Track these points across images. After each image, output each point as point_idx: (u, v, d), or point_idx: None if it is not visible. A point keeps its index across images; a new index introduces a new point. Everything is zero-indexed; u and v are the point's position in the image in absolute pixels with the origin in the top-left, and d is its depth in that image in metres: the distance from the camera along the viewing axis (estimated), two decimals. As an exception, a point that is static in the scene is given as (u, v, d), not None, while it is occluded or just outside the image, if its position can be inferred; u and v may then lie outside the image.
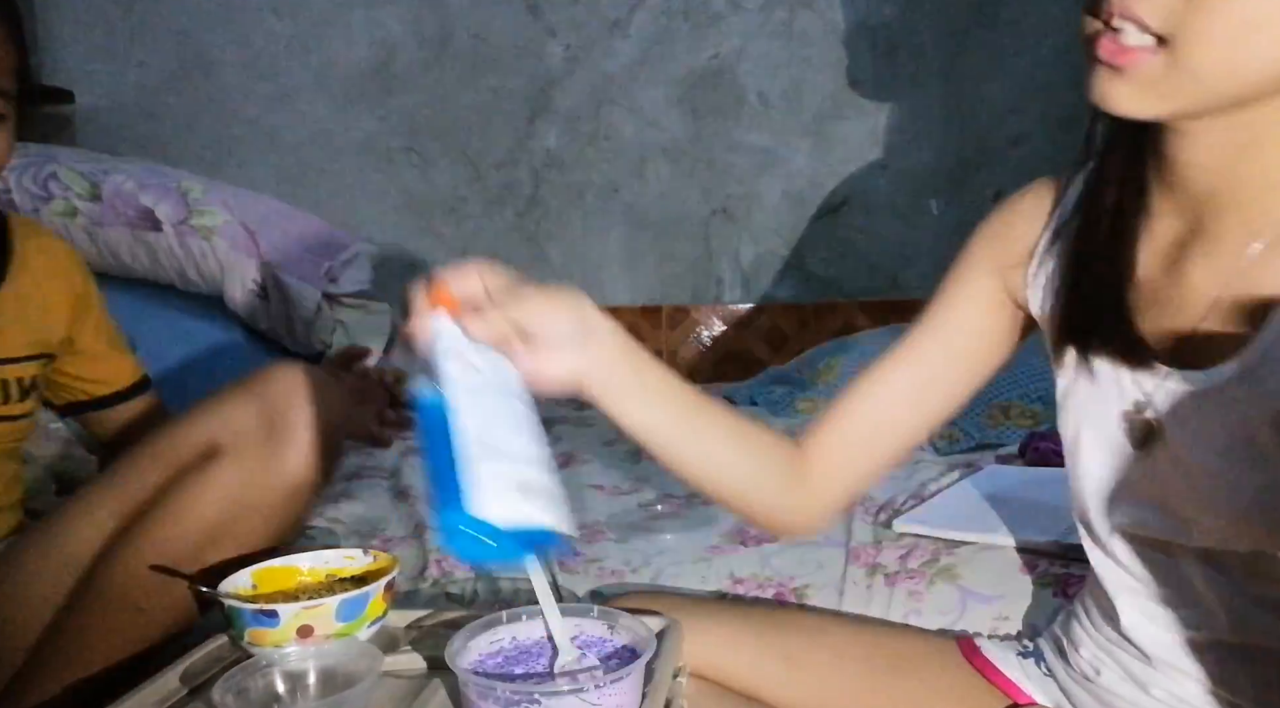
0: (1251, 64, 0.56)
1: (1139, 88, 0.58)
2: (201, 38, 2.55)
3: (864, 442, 0.82)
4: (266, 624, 0.76)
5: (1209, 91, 0.58)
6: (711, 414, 0.79)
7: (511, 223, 2.62)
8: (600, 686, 0.66)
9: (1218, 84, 0.57)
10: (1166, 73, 0.57)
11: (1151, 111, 0.60)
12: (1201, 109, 0.60)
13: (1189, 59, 0.56)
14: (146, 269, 1.93)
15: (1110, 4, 0.58)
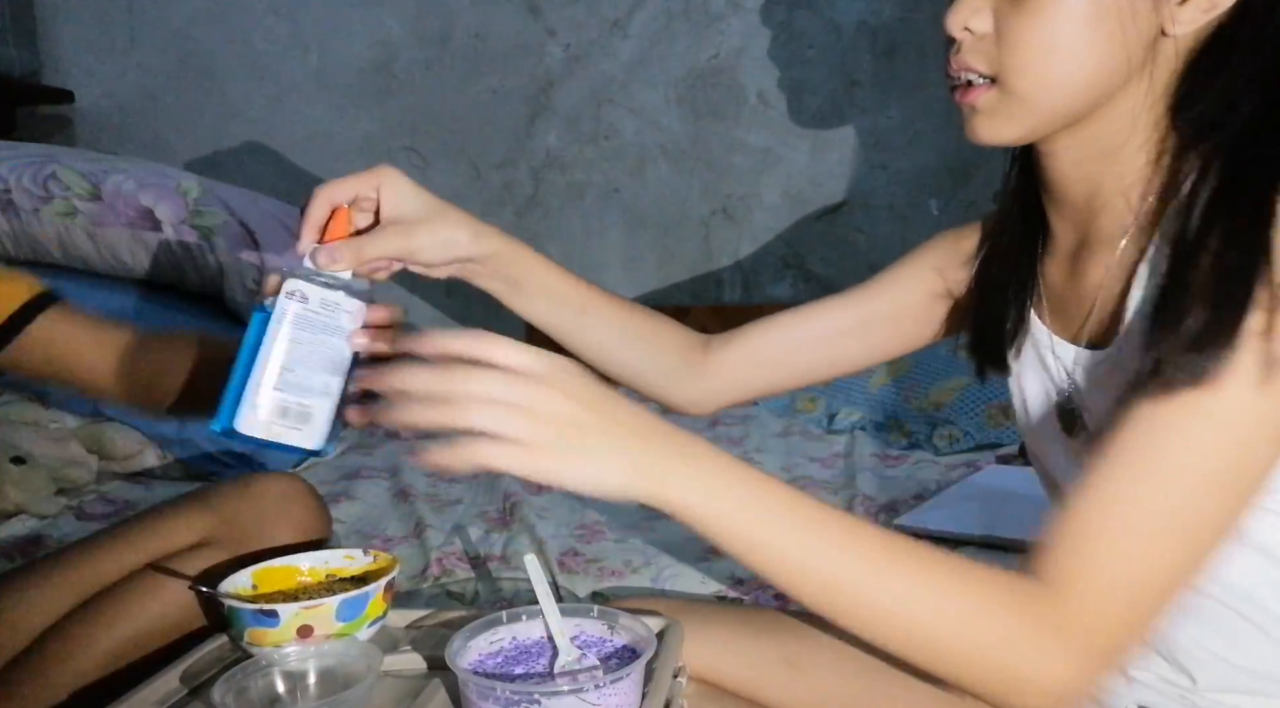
0: (1062, 81, 0.65)
1: (988, 119, 0.69)
2: (201, 38, 2.55)
3: (767, 365, 0.94)
4: (266, 624, 0.76)
5: (1040, 109, 0.67)
6: (603, 310, 0.93)
7: (511, 223, 2.62)
8: (600, 686, 0.66)
9: (1042, 101, 0.67)
10: (1002, 101, 0.68)
11: (1006, 136, 0.70)
12: (1046, 126, 0.69)
13: (1013, 87, 0.67)
14: (146, 269, 1.93)
15: (951, 63, 0.70)
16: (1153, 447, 0.59)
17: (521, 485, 1.64)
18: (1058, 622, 0.58)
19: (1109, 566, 0.59)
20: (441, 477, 1.75)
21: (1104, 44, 0.64)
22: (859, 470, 1.61)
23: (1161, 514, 0.58)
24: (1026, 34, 0.64)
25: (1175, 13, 0.64)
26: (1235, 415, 0.57)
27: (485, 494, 1.62)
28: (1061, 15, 0.63)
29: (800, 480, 1.56)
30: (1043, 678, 0.58)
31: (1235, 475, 0.59)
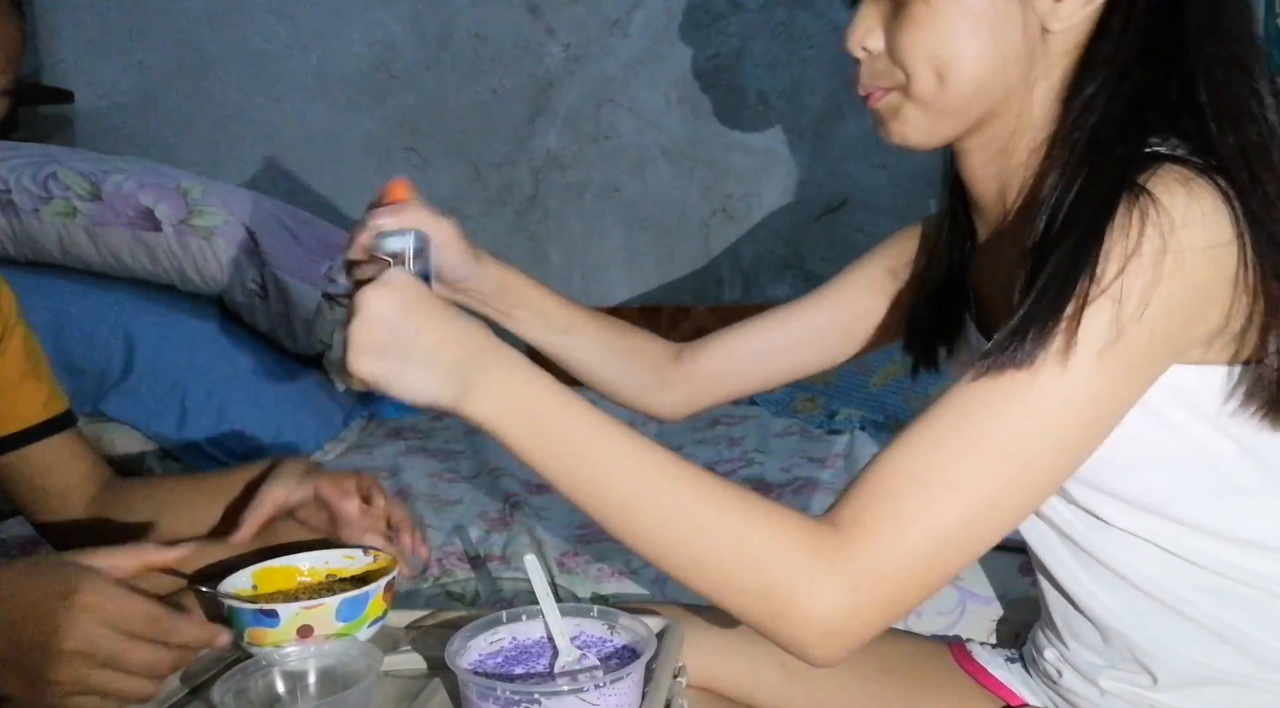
0: (952, 85, 0.68)
1: (895, 123, 0.73)
2: (201, 38, 2.55)
3: (734, 373, 0.96)
4: (266, 625, 0.75)
5: (937, 113, 0.70)
6: (586, 329, 0.99)
7: (511, 223, 2.62)
8: (600, 686, 0.66)
9: (936, 105, 0.69)
10: (903, 106, 0.71)
11: (913, 139, 0.73)
12: (948, 128, 0.72)
13: (918, 97, 0.69)
14: (146, 269, 1.93)
15: (857, 82, 0.74)
16: (962, 415, 0.60)
17: (521, 486, 1.64)
18: (836, 557, 0.59)
19: (897, 514, 0.59)
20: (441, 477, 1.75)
21: (987, 46, 0.66)
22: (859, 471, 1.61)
23: (957, 475, 0.59)
24: (915, 44, 0.67)
25: (1054, 9, 0.65)
26: (1045, 397, 0.58)
27: (485, 494, 1.62)
28: (941, 24, 0.66)
29: (800, 481, 1.56)
30: (813, 608, 0.58)
31: (1037, 454, 0.59)
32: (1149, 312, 0.56)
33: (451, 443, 2.00)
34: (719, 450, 1.82)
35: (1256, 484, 0.66)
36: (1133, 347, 0.57)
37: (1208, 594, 0.68)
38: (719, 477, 0.63)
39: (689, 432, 1.95)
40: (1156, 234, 0.56)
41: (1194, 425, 0.64)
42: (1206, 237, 0.57)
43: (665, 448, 0.64)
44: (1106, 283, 0.57)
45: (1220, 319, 0.60)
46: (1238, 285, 0.59)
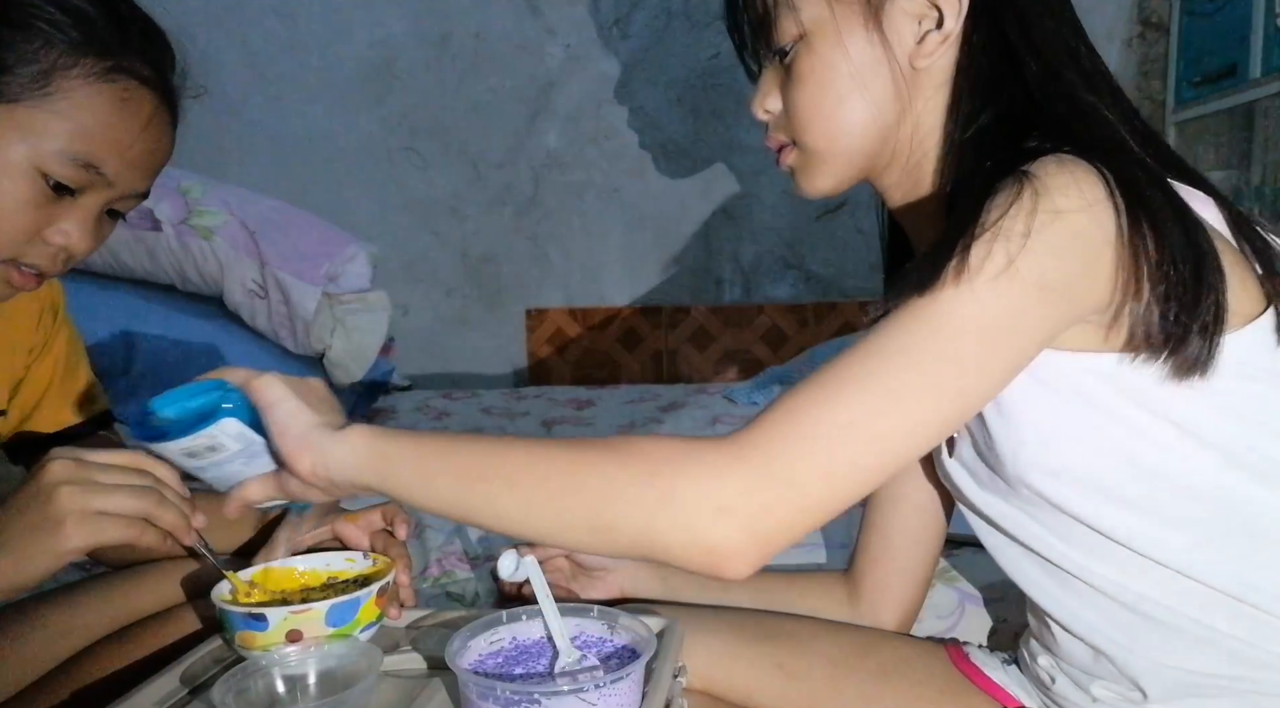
0: (841, 129, 0.74)
1: (802, 175, 0.78)
2: (201, 38, 2.54)
3: (902, 550, 0.92)
4: (255, 628, 0.75)
5: (834, 157, 0.76)
6: (774, 588, 0.98)
7: (511, 223, 2.62)
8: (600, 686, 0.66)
9: (832, 150, 0.75)
10: (805, 158, 0.77)
11: (821, 186, 0.78)
12: (850, 170, 0.77)
13: (807, 145, 0.76)
14: (146, 269, 1.93)
15: (767, 138, 0.81)
16: (870, 337, 0.61)
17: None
18: (724, 441, 0.59)
19: (792, 406, 0.59)
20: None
21: (863, 92, 0.73)
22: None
23: (856, 374, 0.59)
24: (802, 101, 0.74)
25: (917, 50, 0.72)
26: (943, 314, 0.60)
27: (485, 494, 1.61)
28: (820, 79, 0.73)
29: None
30: (702, 482, 0.57)
31: (938, 364, 0.59)
32: (1036, 250, 0.59)
33: (451, 443, 2.00)
34: (719, 451, 1.81)
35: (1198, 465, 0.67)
36: (1026, 278, 0.59)
37: (1180, 597, 0.68)
38: None
39: (689, 431, 1.95)
40: (1032, 193, 0.60)
41: (1128, 410, 0.66)
42: (1081, 197, 0.60)
43: None
44: (991, 223, 0.60)
45: (1108, 286, 0.61)
46: (1120, 248, 0.60)
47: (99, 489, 0.72)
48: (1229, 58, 2.41)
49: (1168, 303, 0.61)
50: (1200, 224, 0.64)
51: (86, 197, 0.81)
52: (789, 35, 0.74)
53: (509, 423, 2.16)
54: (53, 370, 1.01)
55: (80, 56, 0.78)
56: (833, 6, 0.72)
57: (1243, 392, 0.65)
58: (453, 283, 2.67)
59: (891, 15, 0.71)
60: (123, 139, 0.81)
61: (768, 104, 0.79)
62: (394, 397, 2.41)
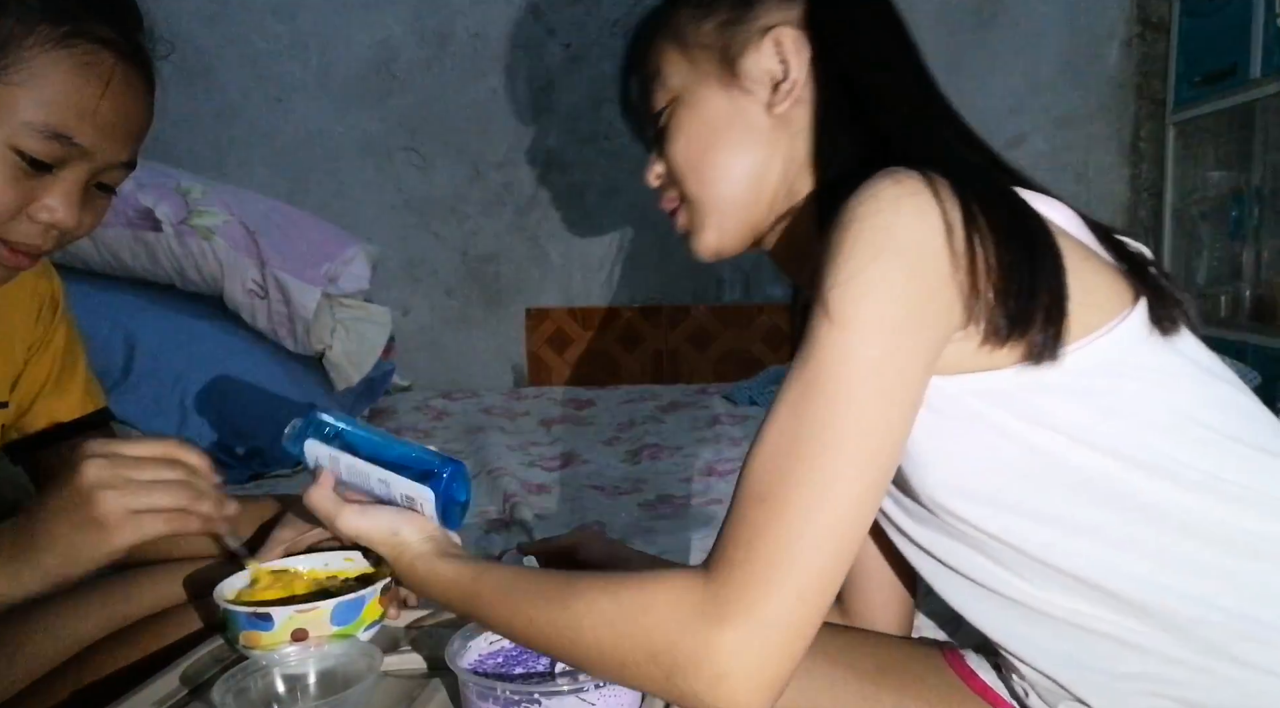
0: (717, 180, 0.79)
1: (695, 234, 0.83)
2: (201, 38, 2.55)
3: (878, 570, 0.93)
4: (260, 628, 0.75)
5: (717, 210, 0.80)
6: None
7: (511, 223, 2.62)
8: (600, 686, 0.66)
9: (714, 202, 0.80)
10: (693, 214, 0.82)
11: (712, 242, 0.82)
12: (736, 223, 0.80)
13: (691, 200, 0.81)
14: (146, 269, 1.93)
15: (661, 203, 0.85)
16: (775, 431, 0.61)
17: (521, 486, 1.64)
18: (703, 599, 0.59)
19: (747, 538, 0.59)
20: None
21: (729, 140, 0.79)
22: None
23: (781, 476, 0.59)
24: (675, 155, 0.81)
25: (773, 99, 0.77)
26: (834, 383, 0.60)
27: (485, 494, 1.62)
28: (688, 132, 0.80)
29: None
30: (697, 655, 0.58)
31: (842, 425, 0.59)
32: (886, 283, 0.60)
33: (451, 443, 2.00)
34: (719, 449, 1.82)
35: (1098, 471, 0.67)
36: (888, 316, 0.60)
37: (1103, 606, 0.68)
38: (572, 574, 0.67)
39: (689, 431, 1.96)
40: (861, 227, 0.62)
41: (1017, 425, 0.67)
42: (906, 213, 0.62)
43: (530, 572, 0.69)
44: (841, 275, 0.61)
45: (957, 292, 0.62)
46: (953, 251, 0.61)
47: (137, 488, 0.72)
48: (1229, 58, 2.41)
49: (1007, 293, 0.63)
50: (1034, 215, 0.66)
51: (66, 170, 0.79)
52: (662, 102, 0.82)
53: (509, 423, 2.17)
54: (51, 365, 1.01)
55: (36, 24, 0.76)
56: (693, 70, 0.80)
57: (1123, 391, 0.66)
58: (453, 283, 2.67)
59: (744, 71, 0.78)
60: (90, 105, 0.78)
61: (656, 171, 0.85)
62: (394, 397, 2.41)
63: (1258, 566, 0.65)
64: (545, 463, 1.84)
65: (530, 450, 1.93)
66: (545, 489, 1.66)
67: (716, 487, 1.61)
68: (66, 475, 0.73)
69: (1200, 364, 0.70)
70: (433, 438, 2.05)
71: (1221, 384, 0.71)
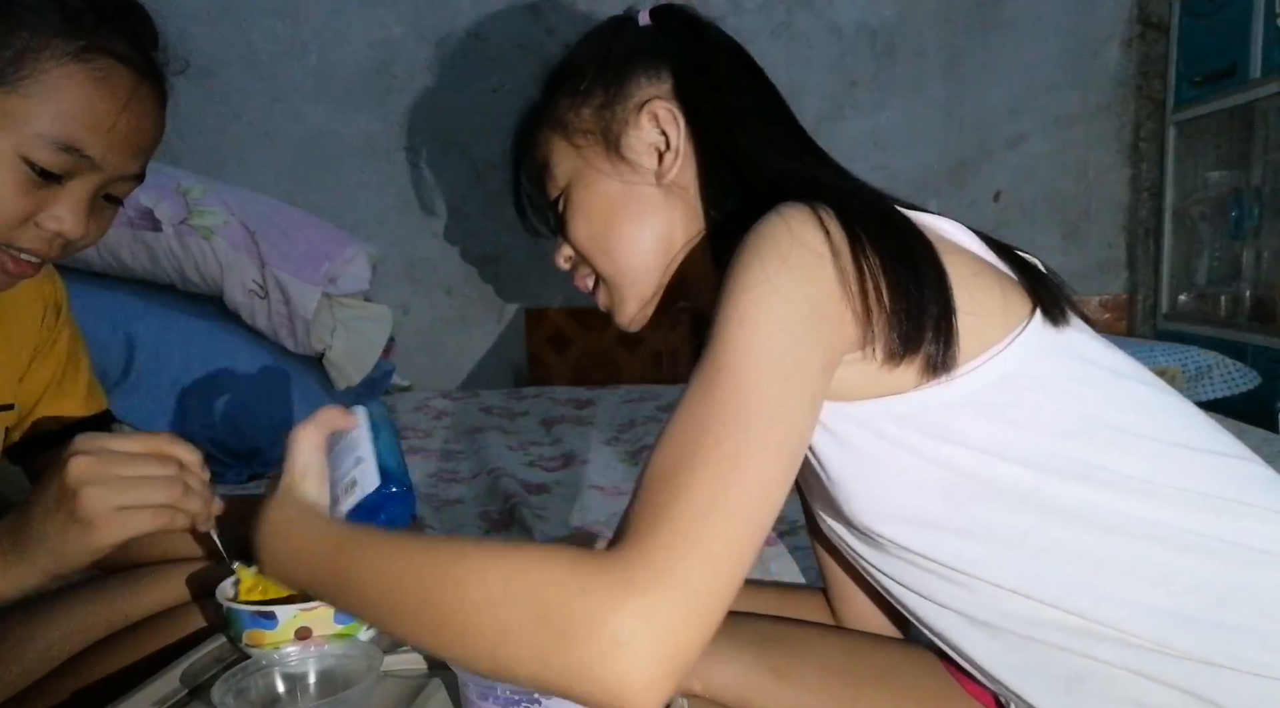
0: (620, 254, 0.83)
1: (617, 309, 0.86)
2: (201, 38, 2.55)
3: (862, 581, 0.92)
4: (264, 626, 0.75)
5: (629, 282, 0.84)
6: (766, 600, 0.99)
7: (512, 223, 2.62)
8: (600, 686, 0.66)
9: (623, 276, 0.84)
10: (610, 291, 0.86)
11: (631, 313, 0.86)
12: (649, 290, 0.84)
13: (605, 278, 0.85)
14: (146, 269, 1.93)
15: (578, 283, 0.89)
16: (688, 414, 0.61)
17: (521, 486, 1.64)
18: (604, 562, 0.54)
19: (651, 508, 0.56)
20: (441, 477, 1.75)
21: (626, 213, 0.83)
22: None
23: (701, 456, 0.58)
24: (578, 237, 0.84)
25: (661, 171, 0.82)
26: (738, 371, 0.61)
27: (485, 494, 1.62)
28: (586, 213, 0.84)
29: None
30: (593, 615, 0.52)
31: (759, 426, 0.60)
32: (784, 287, 0.63)
33: (451, 443, 2.00)
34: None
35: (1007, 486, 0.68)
36: (785, 317, 0.62)
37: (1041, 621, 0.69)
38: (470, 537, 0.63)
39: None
40: (761, 243, 0.65)
41: (927, 444, 0.68)
42: (799, 235, 0.64)
43: None
44: (742, 281, 0.63)
45: (848, 310, 0.64)
46: (842, 274, 0.64)
47: (123, 485, 0.72)
48: (1229, 58, 2.41)
49: (897, 310, 0.64)
50: (916, 233, 0.68)
51: (75, 181, 0.80)
52: (556, 190, 0.86)
53: (509, 423, 2.17)
54: (54, 368, 1.01)
55: (53, 37, 0.76)
56: (580, 155, 0.84)
57: (1026, 403, 0.68)
58: (453, 283, 2.67)
59: (628, 148, 0.82)
60: (103, 119, 0.79)
61: (565, 253, 0.88)
62: (394, 397, 2.41)
63: (1183, 559, 0.66)
64: (545, 463, 1.84)
65: (530, 450, 1.93)
66: (545, 489, 1.66)
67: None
68: (53, 472, 0.73)
69: (1104, 366, 0.72)
70: (433, 438, 2.05)
71: (1131, 383, 0.72)
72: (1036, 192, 2.69)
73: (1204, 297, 2.59)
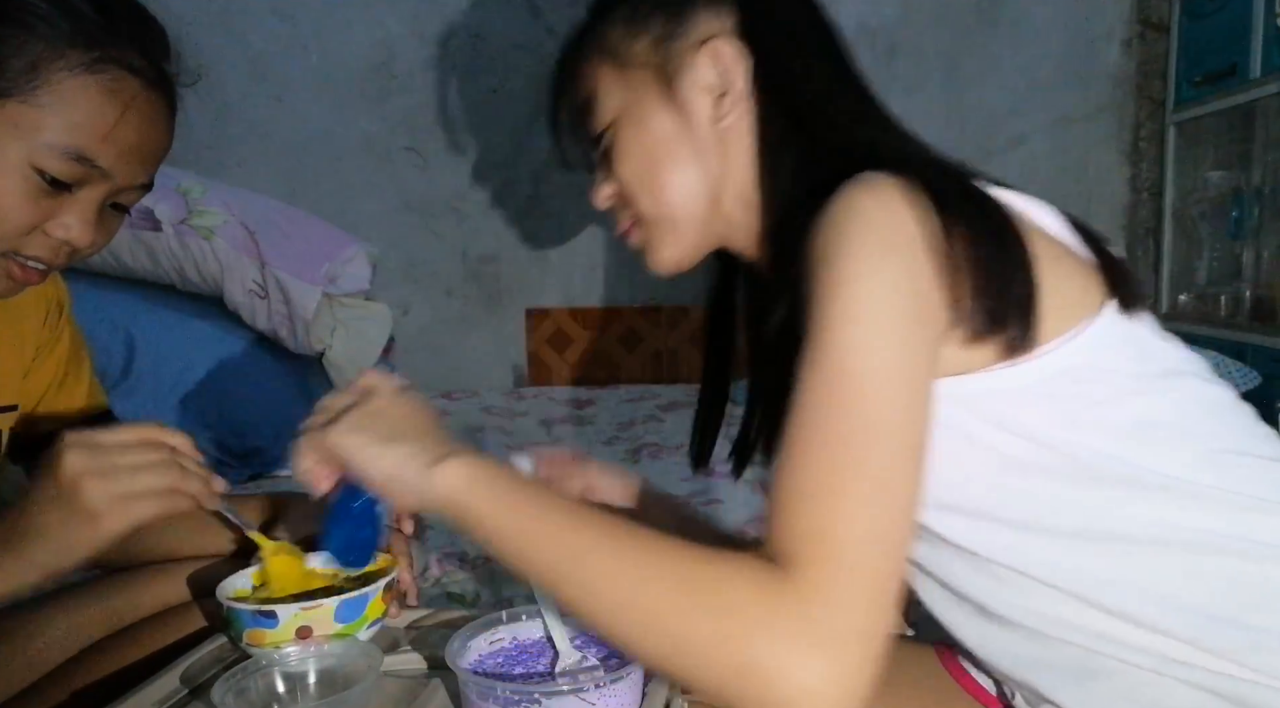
0: (668, 195, 0.80)
1: (652, 250, 0.85)
2: (201, 38, 2.54)
3: None
4: (265, 625, 0.75)
5: (673, 223, 0.81)
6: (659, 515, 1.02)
7: (511, 223, 2.62)
8: (600, 686, 0.66)
9: (668, 215, 0.81)
10: (648, 231, 0.83)
11: (670, 255, 0.85)
12: (693, 234, 0.83)
13: (651, 219, 0.82)
14: (147, 269, 1.93)
15: (617, 225, 0.86)
16: (813, 429, 0.59)
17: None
18: (798, 602, 0.54)
19: (830, 538, 0.56)
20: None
21: (677, 155, 0.78)
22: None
23: (848, 480, 0.57)
24: (625, 175, 0.80)
25: (716, 113, 0.77)
26: (846, 371, 0.60)
27: (485, 494, 1.61)
28: (634, 151, 0.79)
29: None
30: (790, 680, 0.54)
31: (894, 436, 0.58)
32: (888, 270, 0.60)
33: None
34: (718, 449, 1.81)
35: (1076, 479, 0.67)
36: (897, 310, 0.60)
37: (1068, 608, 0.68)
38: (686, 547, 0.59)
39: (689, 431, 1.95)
40: (849, 231, 0.62)
41: (986, 430, 0.67)
42: (890, 213, 0.62)
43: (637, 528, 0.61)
44: (841, 266, 0.61)
45: (940, 290, 0.62)
46: (934, 249, 0.62)
47: (121, 473, 0.72)
48: (1229, 58, 2.41)
49: (982, 289, 0.63)
50: (1000, 209, 0.67)
51: (84, 190, 0.81)
52: (602, 125, 0.81)
53: (509, 423, 2.17)
54: (56, 369, 1.01)
55: (67, 48, 0.77)
56: (632, 89, 0.79)
57: (1087, 396, 0.66)
58: (453, 283, 2.66)
59: (683, 87, 0.77)
60: (114, 130, 0.80)
61: (605, 192, 0.84)
62: (394, 397, 2.41)
63: (1223, 561, 0.65)
64: (545, 463, 1.84)
65: (530, 450, 1.92)
66: (545, 489, 1.66)
67: (716, 487, 1.61)
68: (48, 468, 0.72)
69: (1166, 363, 0.70)
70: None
71: (1189, 381, 0.70)
72: (1036, 192, 2.65)
73: (1204, 297, 2.59)
